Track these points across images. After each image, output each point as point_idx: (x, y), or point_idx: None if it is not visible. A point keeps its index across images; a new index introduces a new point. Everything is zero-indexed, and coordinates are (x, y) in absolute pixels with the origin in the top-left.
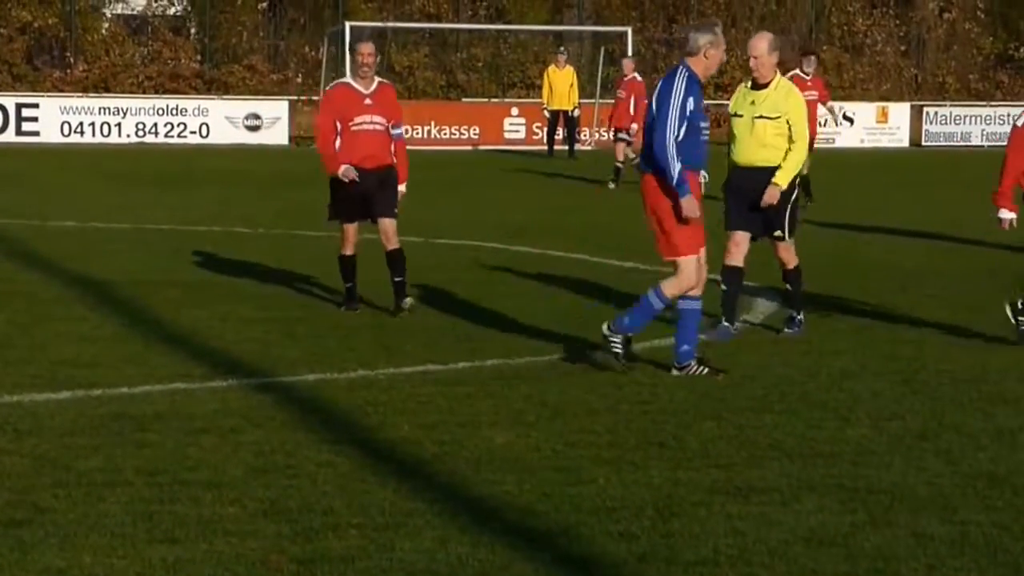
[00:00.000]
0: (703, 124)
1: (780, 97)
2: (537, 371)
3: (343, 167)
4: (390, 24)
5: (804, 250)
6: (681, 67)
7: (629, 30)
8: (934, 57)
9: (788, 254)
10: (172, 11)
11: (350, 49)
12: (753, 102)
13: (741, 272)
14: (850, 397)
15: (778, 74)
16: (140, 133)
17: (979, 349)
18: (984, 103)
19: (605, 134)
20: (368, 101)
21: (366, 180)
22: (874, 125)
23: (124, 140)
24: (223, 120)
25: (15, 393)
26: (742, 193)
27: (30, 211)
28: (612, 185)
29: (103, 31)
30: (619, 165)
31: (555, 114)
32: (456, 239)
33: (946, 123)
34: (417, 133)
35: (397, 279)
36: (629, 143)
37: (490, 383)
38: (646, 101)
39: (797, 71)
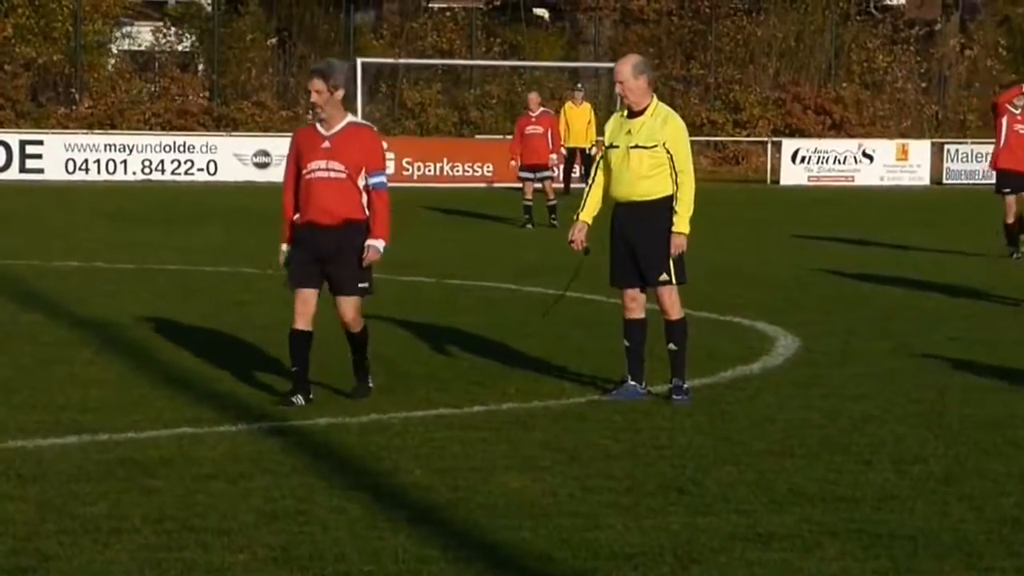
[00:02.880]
0: None
1: (656, 125)
2: (553, 415)
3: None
4: (402, 60)
5: (823, 292)
6: None
7: None
8: (955, 94)
9: (671, 302)
10: (180, 47)
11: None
12: (629, 131)
13: (643, 325)
14: (872, 441)
15: (655, 99)
16: (147, 170)
17: (1002, 392)
18: None
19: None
20: (326, 144)
21: (318, 239)
22: (894, 163)
23: (130, 177)
24: (231, 157)
25: (19, 438)
26: (622, 236)
27: (33, 251)
28: (530, 226)
29: (109, 67)
30: (528, 203)
31: (572, 152)
32: (467, 279)
33: (967, 160)
34: (430, 170)
35: (355, 357)
36: (548, 179)
37: (505, 427)
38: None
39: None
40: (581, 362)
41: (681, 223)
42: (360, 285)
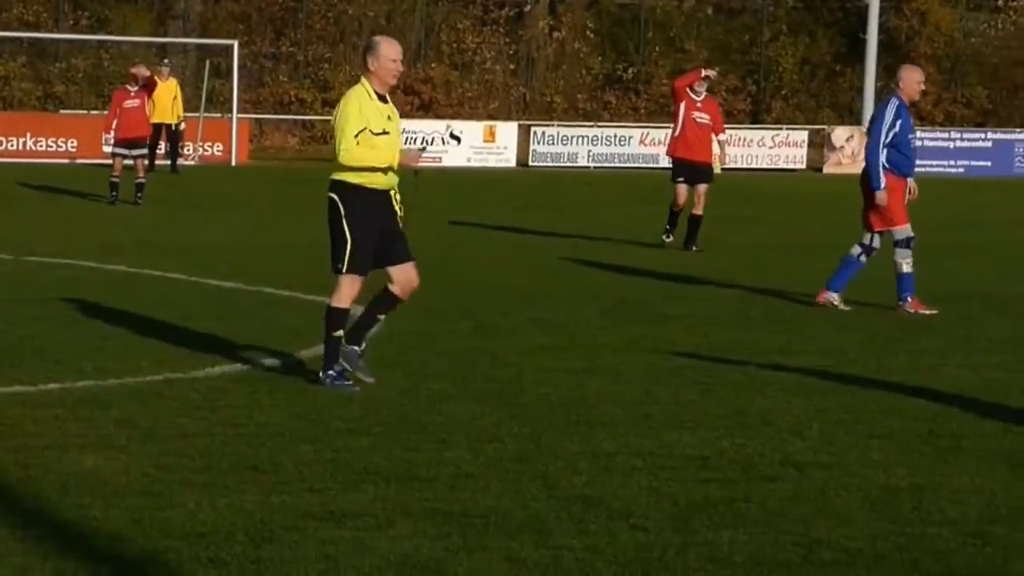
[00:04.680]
0: None
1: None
2: (129, 393)
3: None
4: None
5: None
6: None
7: (235, 44)
8: (543, 76)
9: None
10: None
11: None
12: (389, 116)
13: None
14: (448, 420)
15: None
16: None
17: (578, 373)
18: (592, 123)
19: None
20: None
21: None
22: (481, 144)
23: None
24: None
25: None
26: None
27: None
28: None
29: None
30: (115, 179)
31: (157, 128)
32: (49, 257)
33: (553, 143)
34: (12, 145)
35: None
36: (142, 156)
37: (80, 406)
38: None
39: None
40: (158, 339)
41: None
42: None
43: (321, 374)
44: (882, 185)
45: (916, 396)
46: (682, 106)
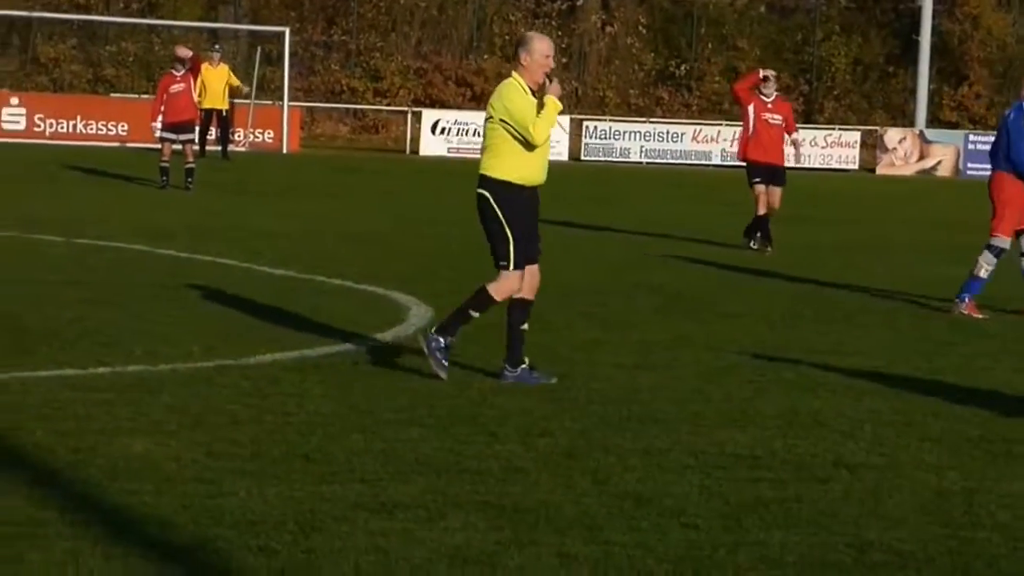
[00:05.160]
0: None
1: None
2: (179, 378)
3: None
4: (36, 14)
5: (460, 263)
6: None
7: (287, 31)
8: (595, 71)
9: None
10: None
11: None
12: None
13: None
14: (499, 413)
15: None
16: None
17: (630, 368)
18: (644, 119)
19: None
20: None
21: None
22: None
23: None
24: None
25: None
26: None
27: None
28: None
29: None
30: (165, 164)
31: (208, 113)
32: (99, 239)
33: (605, 137)
34: (63, 128)
35: None
36: (190, 141)
37: (130, 390)
38: None
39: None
40: (209, 325)
41: None
42: None
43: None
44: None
45: (967, 399)
46: (751, 108)
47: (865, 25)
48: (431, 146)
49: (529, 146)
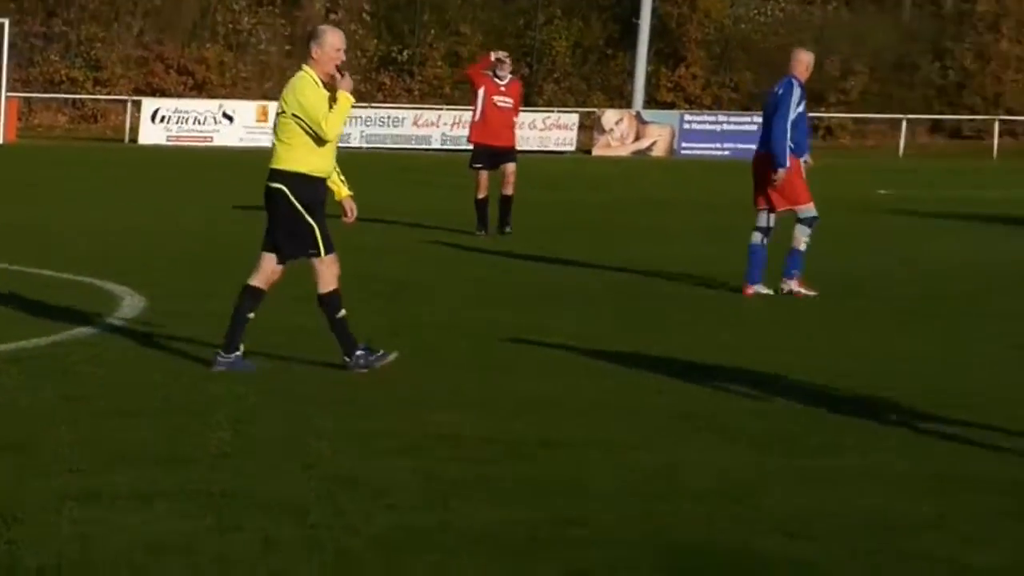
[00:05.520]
0: None
1: None
2: None
3: None
4: None
5: (173, 253)
6: None
7: (6, 22)
8: None
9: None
10: None
11: None
12: None
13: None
14: (212, 400)
15: None
16: None
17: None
18: (366, 104)
19: None
20: None
21: None
22: (254, 124)
23: None
24: None
25: None
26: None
27: None
28: None
29: None
30: None
31: None
32: None
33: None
34: None
35: None
36: None
37: None
38: None
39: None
40: None
41: None
42: None
43: (349, 360)
44: (788, 164)
45: (676, 375)
46: (481, 91)
47: (586, 9)
48: (150, 135)
49: (321, 140)
